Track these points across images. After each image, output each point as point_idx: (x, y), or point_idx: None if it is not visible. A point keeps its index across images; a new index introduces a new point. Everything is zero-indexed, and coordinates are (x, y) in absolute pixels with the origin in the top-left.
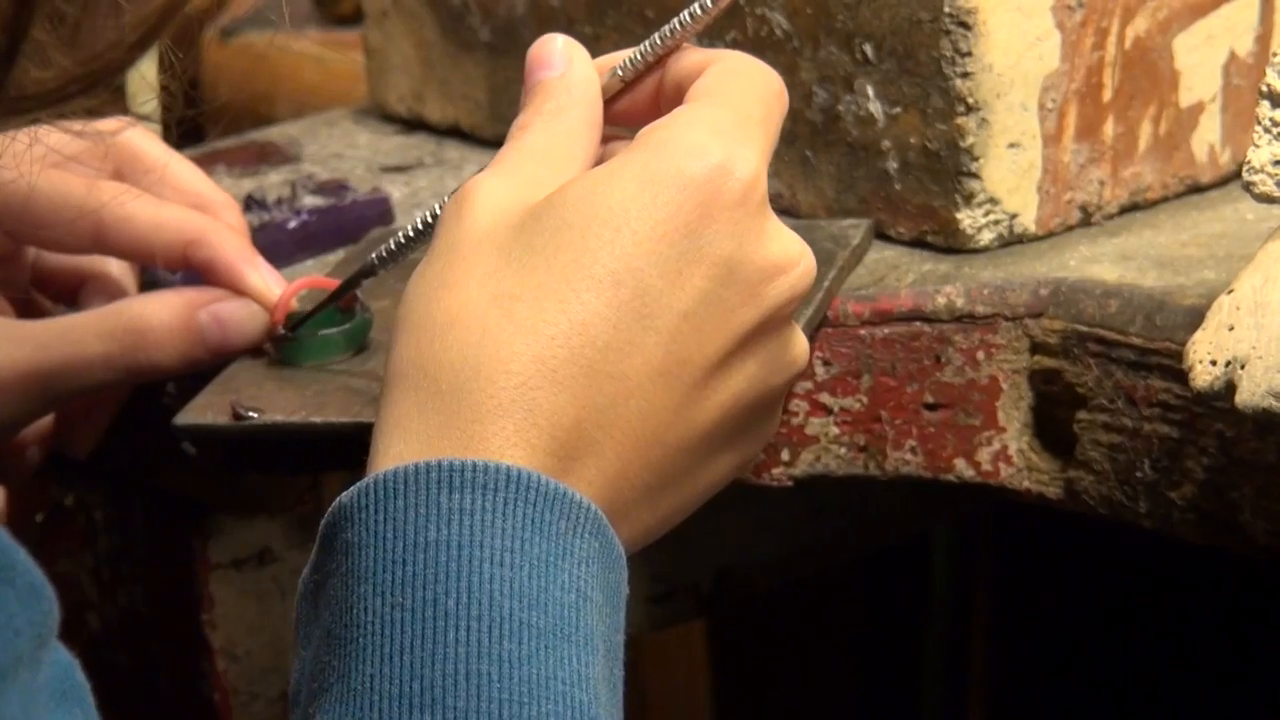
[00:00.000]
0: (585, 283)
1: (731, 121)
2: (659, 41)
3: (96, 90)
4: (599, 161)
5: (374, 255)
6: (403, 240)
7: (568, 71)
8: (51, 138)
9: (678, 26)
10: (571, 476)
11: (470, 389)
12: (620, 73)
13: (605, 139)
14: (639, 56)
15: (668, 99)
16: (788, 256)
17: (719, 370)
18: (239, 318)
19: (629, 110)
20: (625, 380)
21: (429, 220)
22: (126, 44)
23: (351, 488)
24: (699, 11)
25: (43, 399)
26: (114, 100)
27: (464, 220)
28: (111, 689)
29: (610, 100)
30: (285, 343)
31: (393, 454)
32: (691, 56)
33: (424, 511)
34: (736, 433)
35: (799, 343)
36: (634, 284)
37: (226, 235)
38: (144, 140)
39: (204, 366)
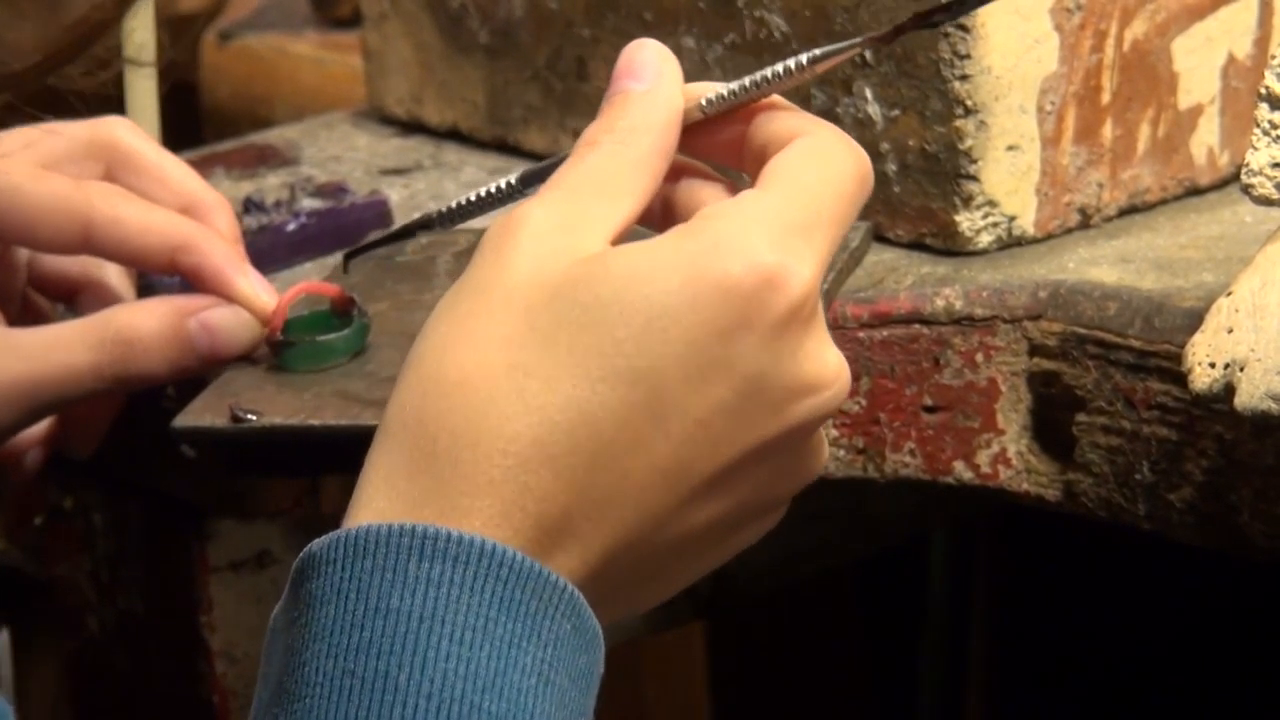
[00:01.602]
0: (603, 373)
1: (797, 223)
2: (753, 85)
3: (80, 53)
4: (663, 196)
5: (436, 210)
6: (467, 201)
7: (653, 89)
8: (43, 136)
9: (779, 74)
10: (552, 561)
11: (465, 459)
12: (705, 106)
13: (677, 169)
14: (729, 94)
15: (752, 154)
16: (822, 378)
17: (726, 477)
18: (229, 325)
19: (709, 144)
20: (625, 478)
21: (500, 190)
22: (108, 3)
23: (325, 536)
24: (804, 63)
25: (30, 410)
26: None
27: (502, 260)
28: (110, 691)
29: (690, 128)
30: (283, 348)
31: (374, 508)
32: (783, 119)
33: (390, 577)
34: (733, 530)
35: (818, 452)
36: (654, 383)
37: (215, 242)
38: (136, 140)
39: (194, 375)
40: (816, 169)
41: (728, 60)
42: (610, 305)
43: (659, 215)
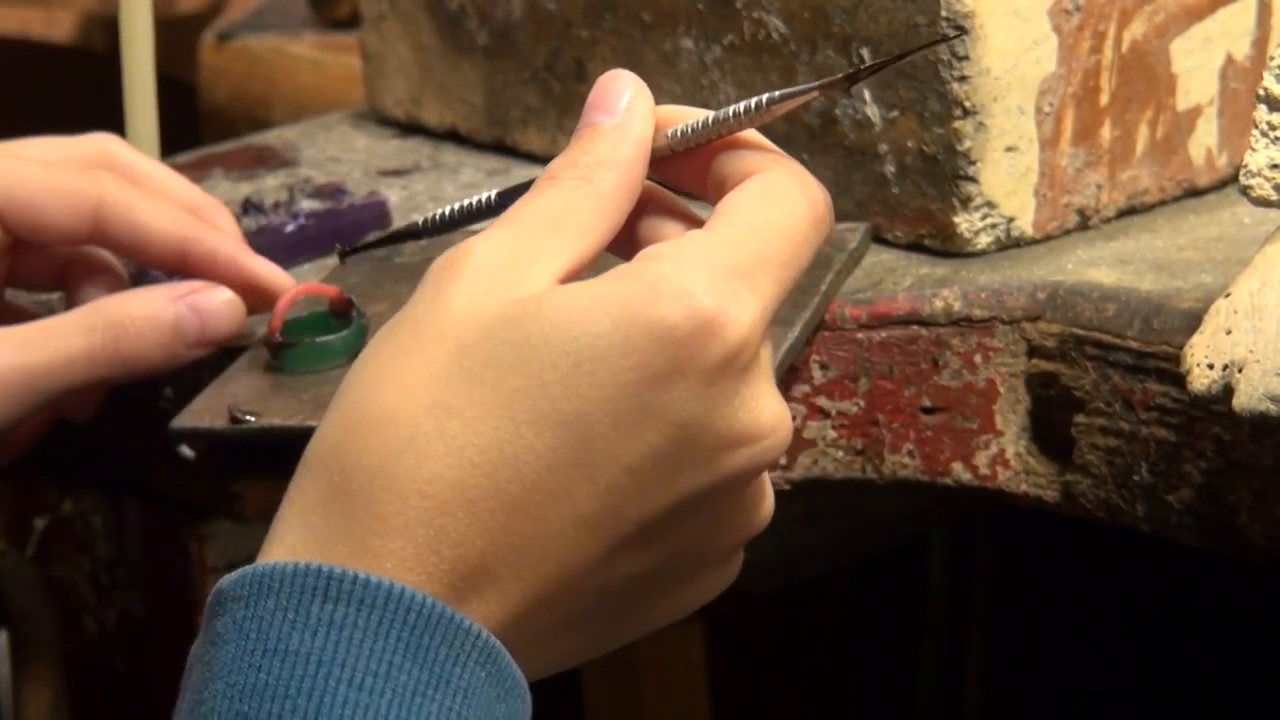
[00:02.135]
0: (529, 415)
1: (740, 266)
2: (717, 121)
3: None
4: (630, 227)
5: (422, 219)
6: (451, 213)
7: (621, 123)
8: (40, 146)
9: (739, 113)
10: (467, 607)
11: (380, 499)
12: (672, 140)
13: (645, 198)
14: (694, 129)
15: (713, 188)
16: (758, 428)
17: (655, 527)
18: (215, 307)
19: (677, 174)
20: (547, 524)
21: (492, 201)
22: None
23: (236, 571)
24: (764, 104)
25: (28, 399)
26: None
27: (441, 294)
28: (109, 693)
29: (658, 160)
30: (281, 349)
31: (286, 544)
32: (742, 156)
33: (290, 617)
34: (676, 583)
35: (760, 504)
36: (581, 429)
37: (223, 234)
38: (130, 152)
39: (188, 360)
40: (766, 210)
41: (726, 61)
42: (539, 346)
43: (624, 247)
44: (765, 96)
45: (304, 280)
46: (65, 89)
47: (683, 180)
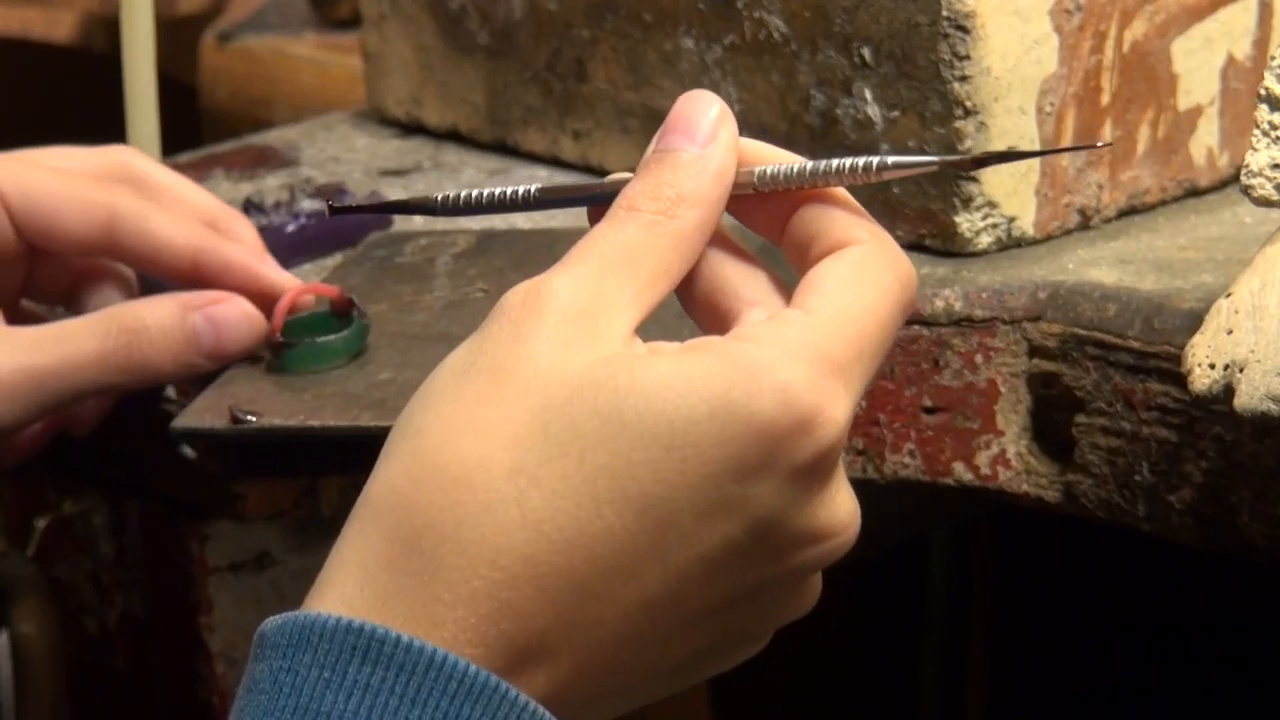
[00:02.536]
0: (611, 495)
1: (839, 359)
2: (813, 173)
3: None
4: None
5: (440, 196)
6: (476, 197)
7: (707, 155)
8: (57, 157)
9: (843, 170)
10: (517, 679)
11: (450, 565)
12: (758, 183)
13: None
14: (790, 175)
15: (794, 240)
16: (833, 525)
17: (715, 613)
18: (233, 319)
19: (748, 213)
20: (612, 605)
21: (516, 196)
22: None
23: (280, 616)
24: (873, 166)
25: (38, 401)
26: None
27: (522, 340)
28: (110, 693)
29: (734, 196)
30: (283, 350)
31: (342, 592)
32: (836, 219)
33: (326, 675)
34: (716, 656)
35: (811, 592)
36: (662, 515)
37: (237, 246)
38: (147, 162)
39: (201, 371)
40: (863, 293)
41: (727, 61)
42: (631, 424)
43: (683, 284)
44: (876, 160)
45: (305, 280)
46: (66, 89)
47: (753, 220)
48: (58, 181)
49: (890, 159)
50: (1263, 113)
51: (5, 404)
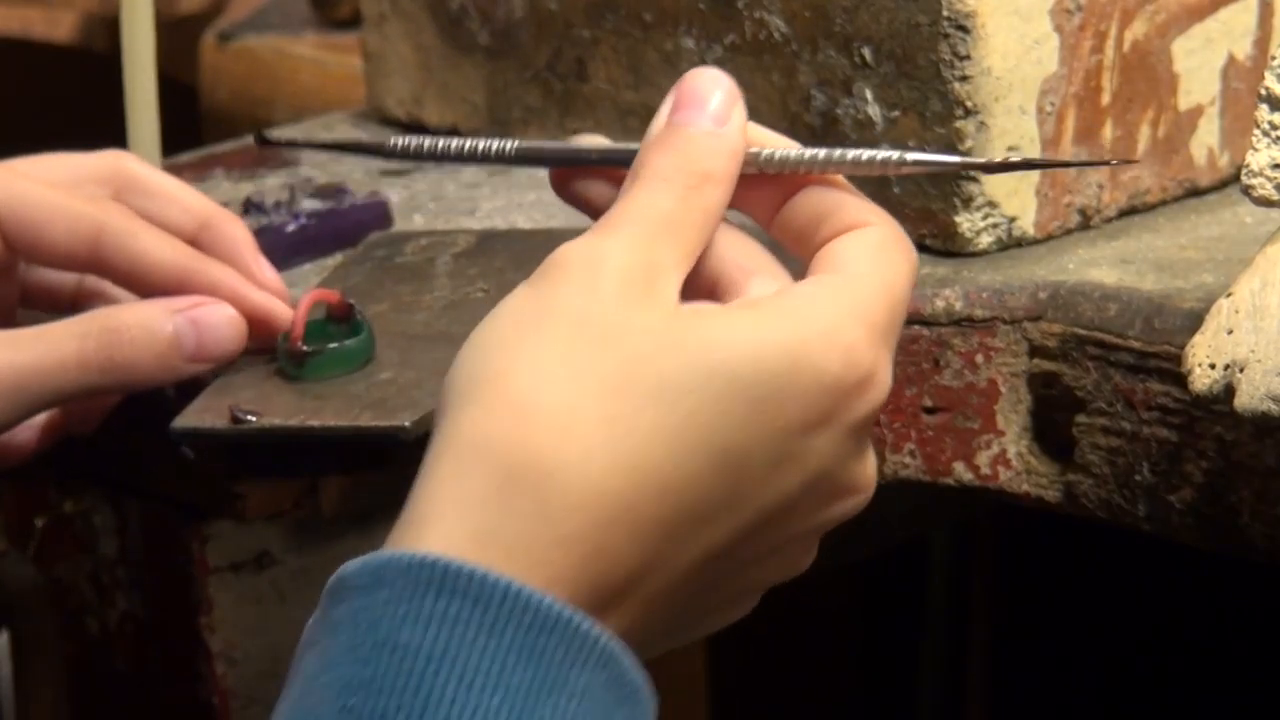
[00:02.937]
0: (698, 444)
1: (883, 324)
2: (825, 160)
3: None
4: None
5: (400, 140)
6: (444, 146)
7: (727, 134)
8: (50, 162)
9: (864, 159)
10: (597, 620)
11: (551, 505)
12: (764, 164)
13: None
14: (803, 160)
15: (794, 221)
16: (865, 481)
17: (759, 560)
18: (216, 322)
19: (743, 190)
20: (685, 551)
21: (490, 151)
22: None
23: (358, 559)
24: (905, 161)
25: (16, 401)
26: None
27: (595, 292)
28: (110, 692)
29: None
30: (307, 358)
31: (439, 532)
32: (849, 202)
33: (404, 610)
34: (736, 605)
35: (812, 553)
36: (740, 465)
37: (224, 269)
38: (142, 166)
39: (184, 375)
40: (893, 268)
41: (728, 61)
42: (718, 375)
43: None
44: (896, 154)
45: (304, 281)
46: (66, 89)
47: (744, 200)
48: (45, 193)
49: (911, 155)
50: (1263, 113)
51: None
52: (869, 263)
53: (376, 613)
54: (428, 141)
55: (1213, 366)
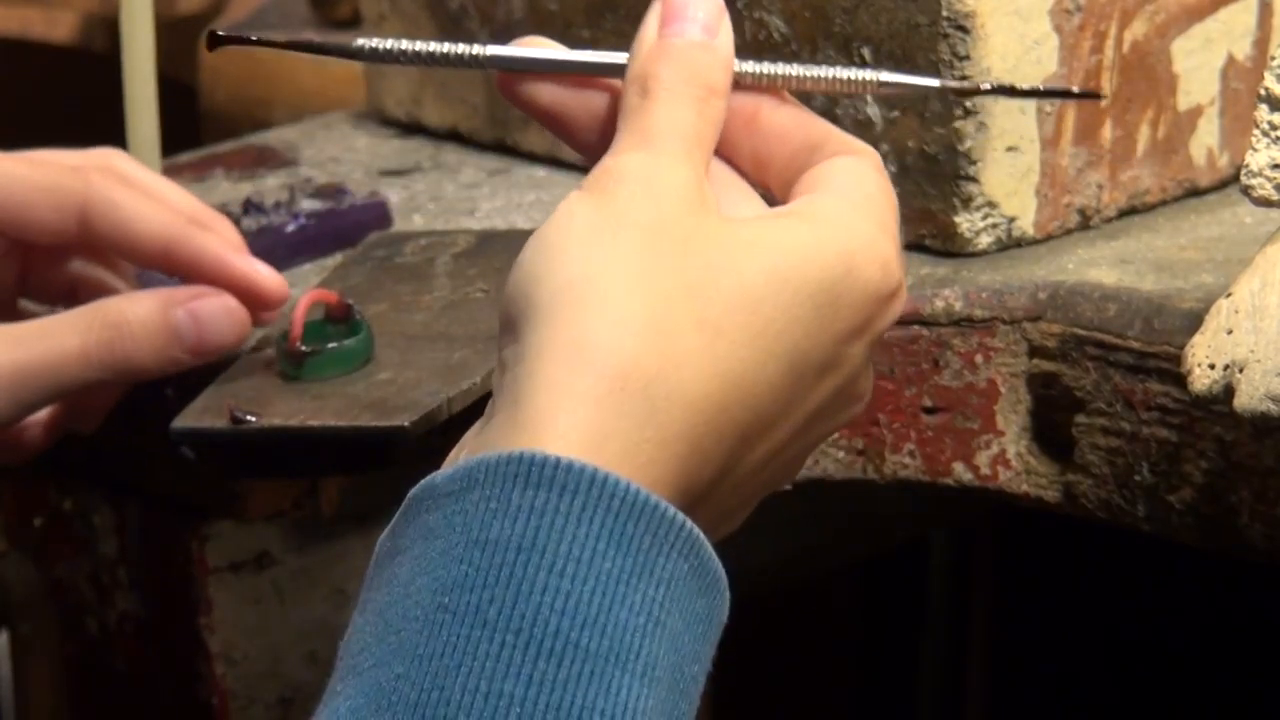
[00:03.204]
0: (775, 348)
1: (899, 243)
2: (811, 77)
3: None
4: None
5: (368, 42)
6: (413, 49)
7: (719, 46)
8: (42, 155)
9: (845, 78)
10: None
11: (658, 406)
12: (739, 76)
13: None
14: (785, 75)
15: (784, 149)
16: (868, 389)
17: (793, 460)
18: (215, 314)
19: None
20: (754, 452)
21: (459, 55)
22: None
23: (447, 469)
24: (885, 83)
25: (22, 398)
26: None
27: (660, 203)
28: (110, 693)
29: None
30: (306, 358)
31: (555, 431)
32: (837, 132)
33: (494, 506)
34: (752, 502)
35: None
36: (802, 369)
37: (209, 236)
38: (131, 165)
39: (184, 367)
40: (891, 193)
41: None
42: (791, 281)
43: None
44: (873, 74)
45: (304, 281)
46: (65, 89)
47: None
48: (28, 171)
49: (886, 75)
50: (1263, 113)
51: None
52: (877, 184)
53: (469, 513)
54: (394, 44)
55: (1212, 367)
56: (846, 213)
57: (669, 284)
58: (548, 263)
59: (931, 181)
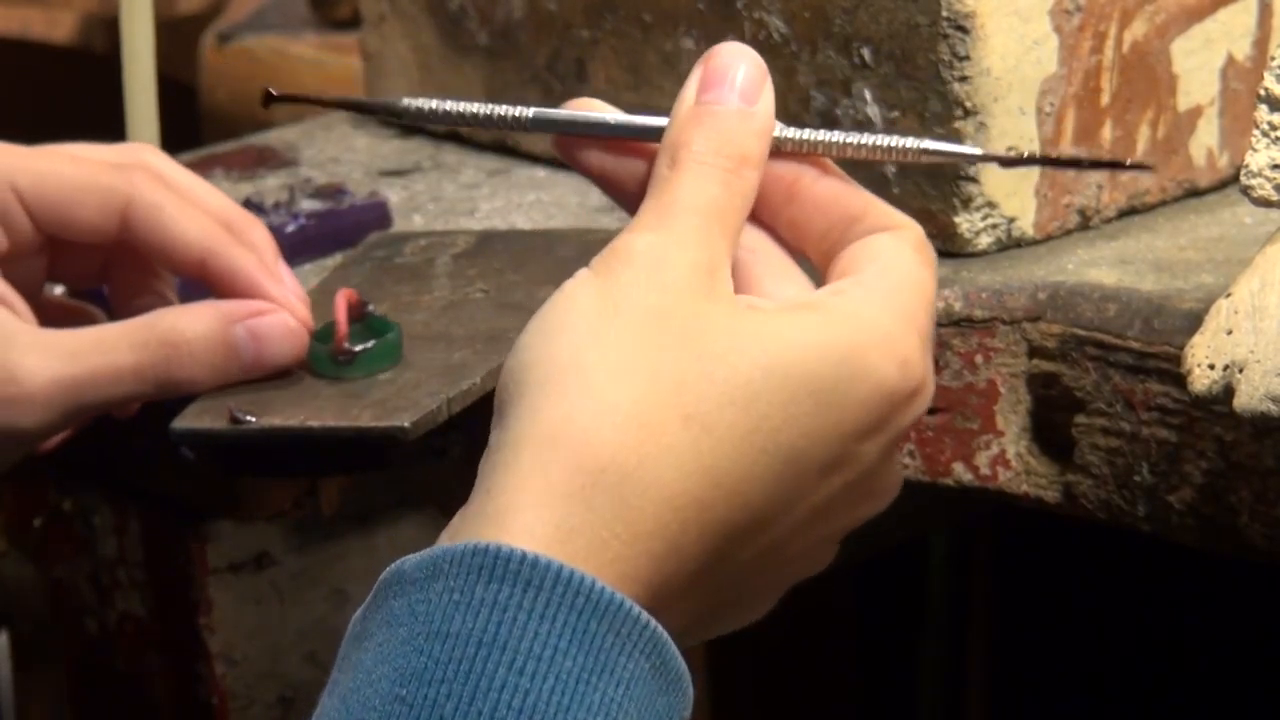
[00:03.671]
0: (767, 445)
1: (929, 334)
2: (850, 144)
3: None
4: None
5: (411, 101)
6: (460, 113)
7: (759, 113)
8: (77, 150)
9: (885, 145)
10: (658, 614)
11: (629, 504)
12: (779, 142)
13: None
14: (824, 142)
15: (819, 222)
16: (894, 484)
17: (800, 557)
18: (276, 334)
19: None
20: (745, 549)
21: (506, 118)
22: None
23: (419, 553)
24: (926, 150)
25: (71, 410)
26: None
27: (665, 292)
28: (110, 693)
29: None
30: (354, 357)
31: (523, 525)
32: (878, 205)
33: (456, 599)
34: (765, 601)
35: (832, 553)
36: (802, 467)
37: (247, 252)
38: (168, 164)
39: (236, 382)
40: (929, 273)
41: None
42: (791, 378)
43: None
44: (918, 144)
45: (304, 281)
46: (65, 89)
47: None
48: (73, 169)
49: (929, 143)
50: (1262, 113)
51: (39, 413)
52: (911, 266)
53: (432, 603)
54: (440, 105)
55: (1212, 367)
56: (866, 306)
57: (660, 374)
58: (544, 346)
59: (931, 181)
